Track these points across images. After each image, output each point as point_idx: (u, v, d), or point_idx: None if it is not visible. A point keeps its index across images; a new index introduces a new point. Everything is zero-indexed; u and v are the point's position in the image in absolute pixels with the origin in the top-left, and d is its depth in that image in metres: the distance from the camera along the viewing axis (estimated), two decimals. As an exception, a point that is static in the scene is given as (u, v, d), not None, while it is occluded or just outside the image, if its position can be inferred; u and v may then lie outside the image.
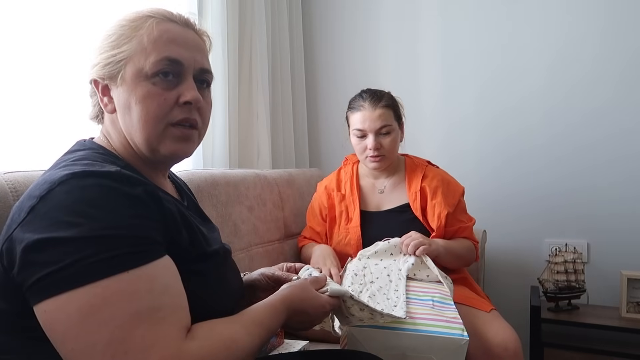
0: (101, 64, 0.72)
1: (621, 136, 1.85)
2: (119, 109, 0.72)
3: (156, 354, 0.54)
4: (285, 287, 0.80)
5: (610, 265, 1.86)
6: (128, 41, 0.71)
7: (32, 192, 0.60)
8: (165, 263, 0.61)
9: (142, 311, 0.55)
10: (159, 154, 0.73)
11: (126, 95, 0.71)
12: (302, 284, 0.81)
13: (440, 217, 1.44)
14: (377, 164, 1.51)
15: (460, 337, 0.99)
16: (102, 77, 0.72)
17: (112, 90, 0.73)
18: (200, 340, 0.59)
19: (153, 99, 0.70)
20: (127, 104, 0.71)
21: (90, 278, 0.54)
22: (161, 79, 0.70)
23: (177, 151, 0.73)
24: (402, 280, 1.22)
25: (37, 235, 0.55)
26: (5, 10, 1.07)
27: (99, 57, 0.72)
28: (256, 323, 0.67)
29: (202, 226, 0.78)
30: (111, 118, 0.75)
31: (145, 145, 0.72)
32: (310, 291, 0.80)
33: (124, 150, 0.74)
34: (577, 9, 1.89)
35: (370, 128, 1.47)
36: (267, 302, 0.73)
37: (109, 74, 0.71)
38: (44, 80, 1.14)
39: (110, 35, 0.72)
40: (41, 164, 0.92)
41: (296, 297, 0.77)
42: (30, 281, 0.55)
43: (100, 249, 0.55)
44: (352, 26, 2.30)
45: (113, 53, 0.71)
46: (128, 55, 0.70)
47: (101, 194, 0.58)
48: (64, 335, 0.54)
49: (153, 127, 0.71)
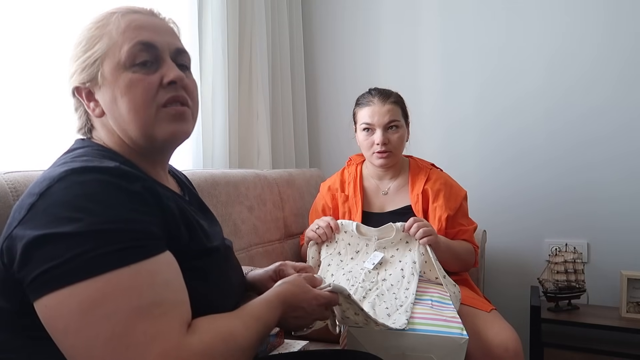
0: (78, 71, 0.72)
1: (621, 135, 1.85)
2: (106, 108, 0.72)
3: (157, 348, 0.54)
4: (279, 284, 0.80)
5: (610, 265, 1.86)
6: (98, 40, 0.71)
7: (31, 189, 0.60)
8: (166, 258, 0.61)
9: (143, 306, 0.55)
10: (156, 140, 0.72)
11: (110, 91, 0.70)
12: (295, 279, 0.81)
13: (440, 219, 1.44)
14: (384, 160, 1.50)
15: (460, 336, 1.00)
16: (83, 82, 0.72)
17: (95, 94, 0.72)
18: (200, 334, 0.59)
19: (137, 86, 0.69)
20: (113, 99, 0.70)
21: (91, 272, 0.54)
22: (140, 67, 0.70)
23: (175, 132, 0.72)
24: (415, 276, 1.22)
25: (38, 232, 0.55)
26: (5, 10, 1.08)
27: (75, 65, 0.73)
28: (254, 318, 0.68)
29: (203, 221, 0.78)
30: (101, 122, 0.74)
31: (141, 134, 0.71)
32: (303, 286, 0.80)
33: (121, 149, 0.74)
34: (576, 8, 1.89)
35: (379, 123, 1.47)
36: (263, 298, 0.73)
37: (88, 76, 0.71)
38: (44, 80, 1.14)
39: (80, 41, 0.73)
40: (41, 164, 0.93)
41: (289, 292, 0.77)
42: (31, 277, 0.55)
43: (101, 244, 0.55)
44: (352, 26, 2.30)
45: (87, 55, 0.71)
46: (102, 52, 0.70)
47: (100, 189, 0.58)
48: (65, 330, 0.54)
49: (144, 113, 0.70)
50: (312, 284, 0.84)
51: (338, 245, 1.38)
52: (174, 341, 0.55)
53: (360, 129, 1.52)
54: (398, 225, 1.33)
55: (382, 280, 1.24)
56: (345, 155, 1.74)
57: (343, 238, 1.38)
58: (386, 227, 1.35)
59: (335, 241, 1.39)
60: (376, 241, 1.34)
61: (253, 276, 0.96)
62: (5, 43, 1.08)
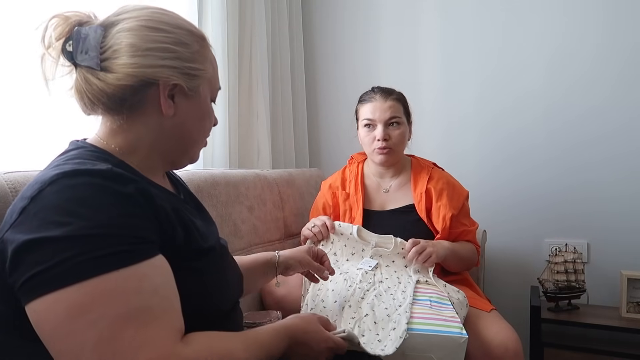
0: (178, 70, 0.71)
1: (621, 135, 1.85)
2: (180, 115, 0.73)
3: (145, 356, 0.53)
4: (291, 317, 0.80)
5: (610, 265, 1.86)
6: (203, 60, 0.75)
7: (24, 193, 0.60)
8: (157, 263, 0.60)
9: (131, 311, 0.54)
10: (179, 164, 0.80)
11: (196, 108, 0.75)
12: (308, 317, 0.81)
13: (445, 219, 1.43)
14: (384, 157, 1.50)
15: (460, 336, 1.00)
16: (181, 85, 0.71)
17: (176, 96, 0.72)
18: (194, 347, 0.58)
19: (211, 118, 0.80)
20: (194, 116, 0.75)
21: (79, 277, 0.53)
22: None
23: (196, 161, 0.83)
24: (411, 284, 1.22)
25: (27, 236, 0.55)
26: (6, 10, 1.08)
27: (176, 62, 0.70)
28: (258, 343, 0.67)
29: (199, 220, 0.78)
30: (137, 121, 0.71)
31: (180, 156, 0.78)
32: (314, 325, 0.80)
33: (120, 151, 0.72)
34: (575, 8, 1.89)
35: (380, 118, 1.48)
36: (272, 327, 0.74)
37: (186, 83, 0.72)
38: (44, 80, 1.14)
39: (179, 40, 0.72)
40: (41, 164, 0.92)
41: (300, 328, 0.77)
42: (21, 281, 0.55)
43: (89, 248, 0.55)
44: (352, 26, 2.30)
45: (192, 66, 0.73)
46: (205, 75, 0.75)
47: (91, 193, 0.58)
48: (53, 334, 0.54)
49: (202, 139, 0.80)
50: (325, 326, 0.83)
51: (334, 245, 1.38)
52: (163, 349, 0.55)
53: (362, 125, 1.52)
54: (398, 241, 1.33)
55: (379, 282, 1.24)
56: (345, 155, 1.74)
57: (339, 240, 1.38)
58: (386, 237, 1.35)
59: (331, 242, 1.39)
60: (373, 248, 1.34)
61: (285, 255, 1.08)
62: (5, 43, 1.08)
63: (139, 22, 0.69)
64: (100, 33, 0.68)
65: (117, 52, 0.68)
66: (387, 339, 1.01)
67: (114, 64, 0.67)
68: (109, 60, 0.68)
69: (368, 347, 0.92)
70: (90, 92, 0.68)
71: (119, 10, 0.72)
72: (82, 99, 0.70)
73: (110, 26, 0.70)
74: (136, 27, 0.69)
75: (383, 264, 1.31)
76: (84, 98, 0.70)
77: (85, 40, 0.67)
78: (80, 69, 0.69)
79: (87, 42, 0.67)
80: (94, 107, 0.71)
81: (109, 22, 0.70)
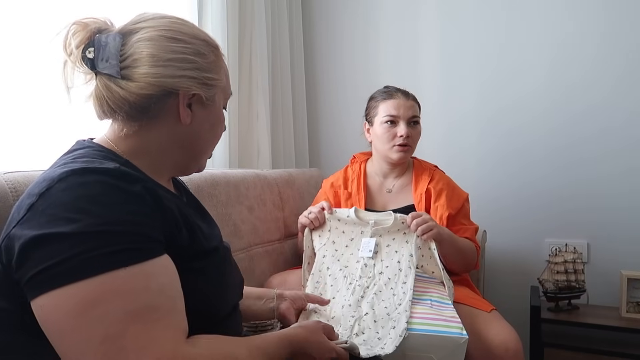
0: (197, 80, 0.72)
1: (622, 135, 1.85)
2: (196, 124, 0.75)
3: (150, 355, 0.53)
4: (295, 326, 0.80)
5: (610, 265, 1.86)
6: (219, 70, 0.77)
7: (31, 190, 0.60)
8: (163, 262, 0.61)
9: (138, 309, 0.55)
10: (187, 171, 0.81)
11: (212, 116, 0.77)
12: (312, 326, 0.81)
13: (442, 218, 1.44)
14: (403, 154, 1.50)
15: (460, 336, 1.00)
16: (199, 94, 0.73)
17: (194, 105, 0.74)
18: (200, 349, 0.58)
19: (223, 125, 0.82)
20: (209, 123, 0.77)
21: (87, 273, 0.54)
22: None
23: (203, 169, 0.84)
24: (412, 270, 1.21)
25: (35, 232, 0.55)
26: (6, 11, 1.08)
27: (195, 72, 0.72)
28: (261, 350, 0.67)
29: (202, 223, 0.78)
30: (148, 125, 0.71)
31: (189, 163, 0.79)
32: (318, 335, 0.80)
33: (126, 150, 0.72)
34: (576, 7, 1.89)
35: (404, 115, 1.49)
36: (275, 334, 0.74)
37: (204, 92, 0.73)
38: (44, 80, 1.14)
39: (198, 51, 0.73)
40: (41, 164, 0.93)
41: (302, 337, 0.77)
42: (28, 276, 0.55)
43: (97, 245, 0.55)
44: (352, 26, 2.30)
45: (210, 76, 0.74)
46: (220, 84, 0.77)
47: (100, 191, 0.58)
48: (60, 330, 0.54)
49: (211, 151, 0.82)
50: (329, 335, 0.83)
51: (331, 234, 1.37)
52: (169, 349, 0.55)
53: (382, 122, 1.51)
54: (398, 216, 1.33)
55: (379, 273, 1.23)
56: (345, 154, 1.74)
57: (337, 226, 1.37)
58: (385, 214, 1.35)
59: (328, 230, 1.38)
60: (372, 227, 1.33)
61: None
62: (5, 43, 1.08)
63: (158, 32, 0.70)
64: (119, 41, 0.69)
65: (137, 62, 0.68)
66: (387, 338, 1.01)
67: (135, 72, 0.68)
68: (128, 68, 0.68)
69: (367, 352, 0.92)
70: (112, 100, 0.68)
71: (136, 19, 0.73)
72: (101, 106, 0.70)
73: (128, 34, 0.70)
74: (156, 37, 0.70)
75: (383, 244, 1.30)
76: (104, 105, 0.69)
77: (105, 48, 0.68)
78: (101, 76, 0.69)
79: (107, 49, 0.68)
80: (114, 114, 0.71)
81: (127, 30, 0.71)
